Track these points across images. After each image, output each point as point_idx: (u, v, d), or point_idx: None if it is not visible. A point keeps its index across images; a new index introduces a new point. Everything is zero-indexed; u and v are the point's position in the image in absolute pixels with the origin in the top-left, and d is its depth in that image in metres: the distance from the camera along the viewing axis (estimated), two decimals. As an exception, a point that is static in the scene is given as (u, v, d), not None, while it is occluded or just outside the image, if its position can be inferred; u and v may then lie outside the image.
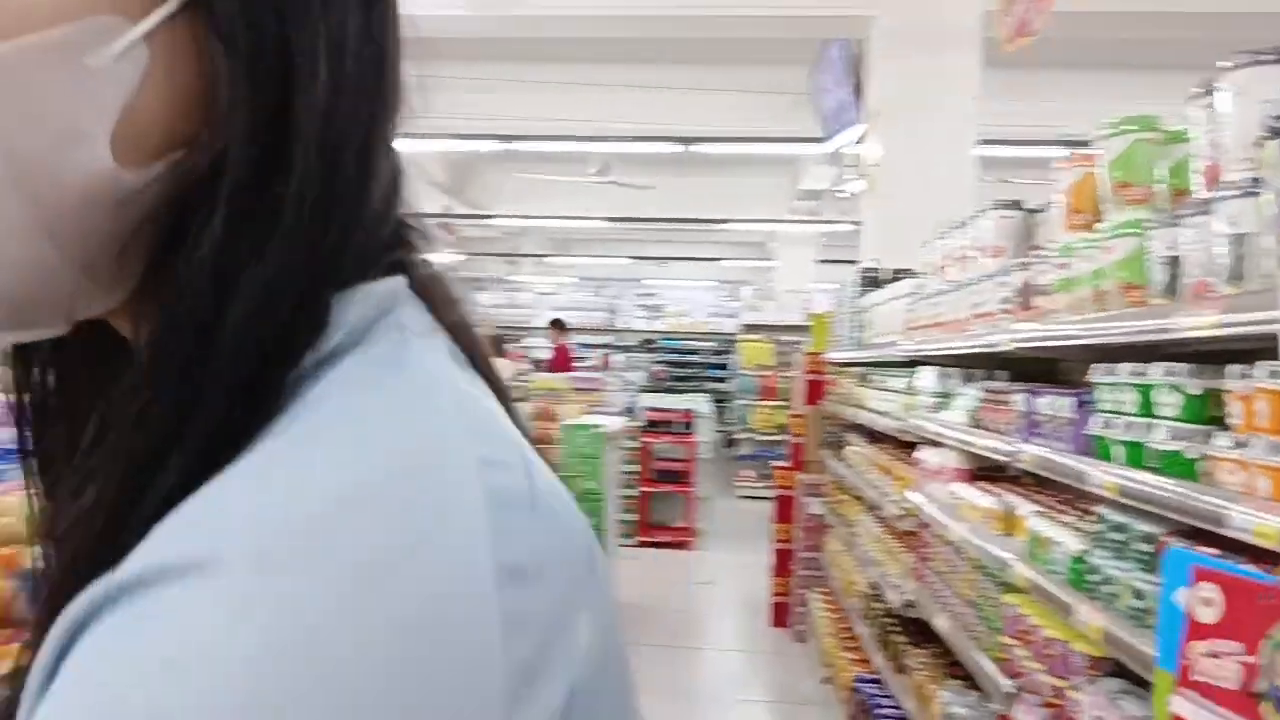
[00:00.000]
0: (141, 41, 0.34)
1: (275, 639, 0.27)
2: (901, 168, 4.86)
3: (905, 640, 2.77)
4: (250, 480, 0.31)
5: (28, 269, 0.35)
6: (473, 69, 7.55)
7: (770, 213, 11.76)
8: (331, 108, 0.36)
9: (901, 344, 2.96)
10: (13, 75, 0.33)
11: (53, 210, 0.34)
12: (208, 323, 0.34)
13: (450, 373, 0.38)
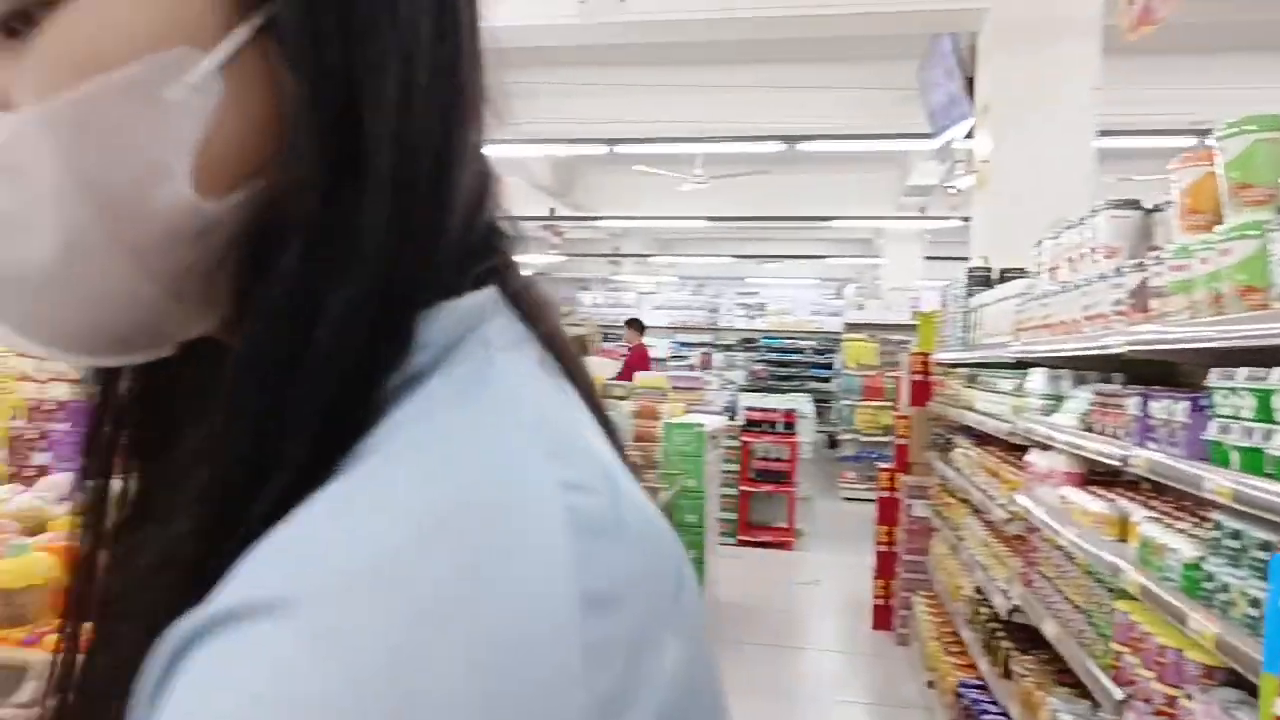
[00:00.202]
0: (216, 71, 0.34)
1: (356, 675, 0.27)
2: (1013, 163, 4.73)
3: (1012, 646, 2.72)
4: (332, 513, 0.31)
5: (121, 300, 0.36)
6: (579, 74, 7.73)
7: (877, 209, 11.55)
8: (403, 123, 0.36)
9: (1011, 345, 2.90)
10: (95, 112, 0.33)
11: (140, 243, 0.35)
12: (290, 349, 0.34)
13: (535, 388, 0.38)
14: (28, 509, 1.72)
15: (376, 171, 0.35)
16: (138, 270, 0.35)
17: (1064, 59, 4.70)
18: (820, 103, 7.89)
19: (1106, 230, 2.10)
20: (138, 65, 0.33)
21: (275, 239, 0.34)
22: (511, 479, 0.32)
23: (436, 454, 0.32)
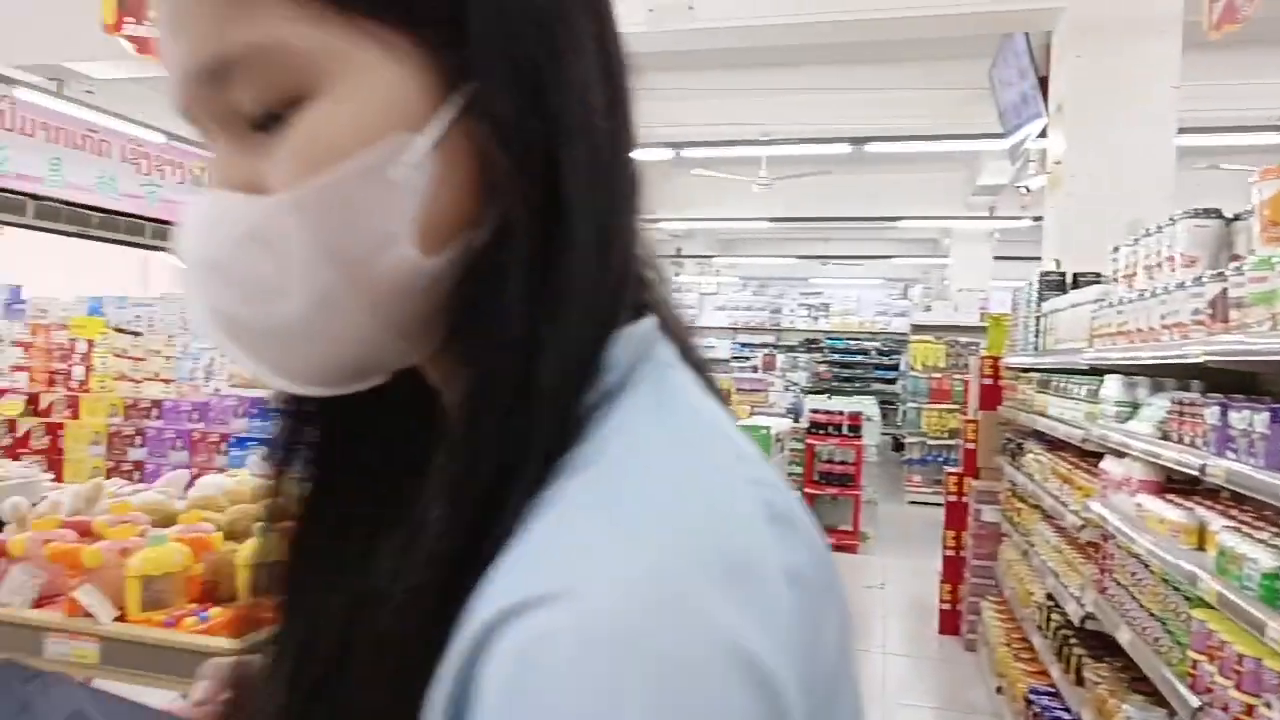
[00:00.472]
0: (429, 150, 0.40)
1: (633, 656, 0.32)
2: (1088, 164, 4.66)
3: (1085, 652, 2.72)
4: (591, 515, 0.36)
5: (362, 344, 0.43)
6: (647, 80, 7.81)
7: (944, 209, 11.39)
8: (592, 179, 0.42)
9: (1085, 351, 2.89)
10: (334, 194, 0.40)
11: (375, 299, 0.41)
12: (520, 380, 0.39)
13: (705, 402, 0.44)
14: (154, 503, 1.87)
15: (578, 222, 0.41)
16: (374, 320, 0.42)
17: (1142, 57, 4.61)
18: (887, 103, 7.83)
19: (1186, 239, 2.09)
20: (366, 153, 0.40)
21: (489, 284, 0.41)
22: (718, 479, 0.39)
23: (656, 462, 0.38)
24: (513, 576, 0.35)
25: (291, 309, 0.42)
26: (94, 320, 5.84)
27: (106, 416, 5.14)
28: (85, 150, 8.25)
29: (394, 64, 0.40)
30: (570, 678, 0.32)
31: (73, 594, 1.43)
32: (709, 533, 0.36)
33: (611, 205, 0.43)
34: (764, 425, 5.17)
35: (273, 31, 0.39)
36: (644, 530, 0.35)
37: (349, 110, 0.40)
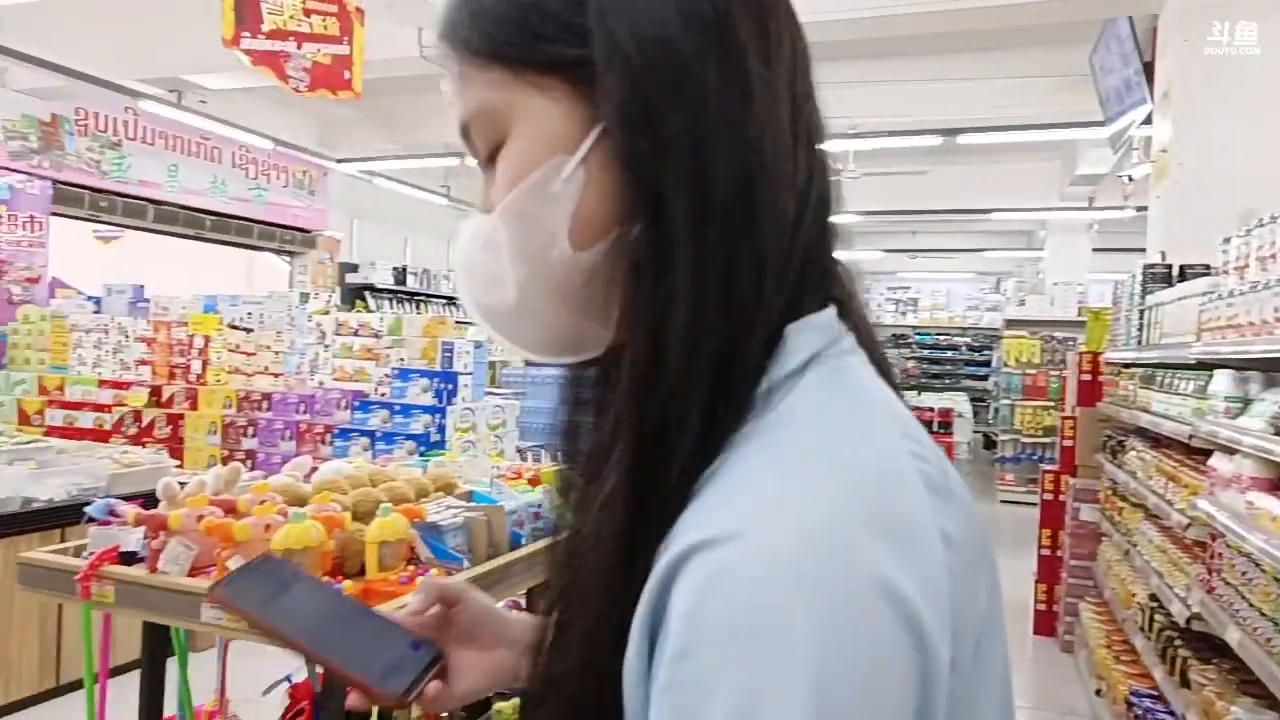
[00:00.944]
0: (578, 166, 0.51)
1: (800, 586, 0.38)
2: (1196, 152, 4.49)
3: (1190, 654, 2.65)
4: (766, 471, 0.43)
5: (558, 322, 0.55)
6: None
7: (1039, 200, 11.04)
8: (699, 174, 0.48)
9: (1193, 346, 2.81)
10: (517, 209, 0.53)
11: (552, 286, 0.53)
12: (665, 352, 0.47)
13: (877, 384, 0.52)
14: (285, 485, 2.02)
15: (689, 235, 0.48)
16: (559, 303, 0.55)
17: (1255, 40, 4.41)
18: (979, 93, 7.65)
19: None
20: (535, 174, 0.52)
21: (631, 274, 0.50)
22: (885, 449, 0.46)
23: (830, 431, 0.45)
24: (700, 519, 0.43)
25: (508, 296, 0.55)
26: (209, 317, 6.20)
27: (221, 408, 5.47)
28: (199, 157, 8.75)
29: (551, 103, 0.52)
30: (741, 604, 0.38)
31: (226, 563, 1.57)
32: (873, 493, 0.43)
33: (728, 195, 0.48)
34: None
35: (480, 97, 0.55)
36: (815, 486, 0.42)
37: (524, 144, 0.53)
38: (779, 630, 0.38)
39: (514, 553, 1.97)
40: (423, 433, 4.69)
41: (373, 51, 5.26)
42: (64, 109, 7.42)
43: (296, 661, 2.20)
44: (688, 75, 0.49)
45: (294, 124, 9.41)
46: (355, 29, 5.04)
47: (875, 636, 0.39)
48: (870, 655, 0.39)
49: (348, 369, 5.56)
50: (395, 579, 1.69)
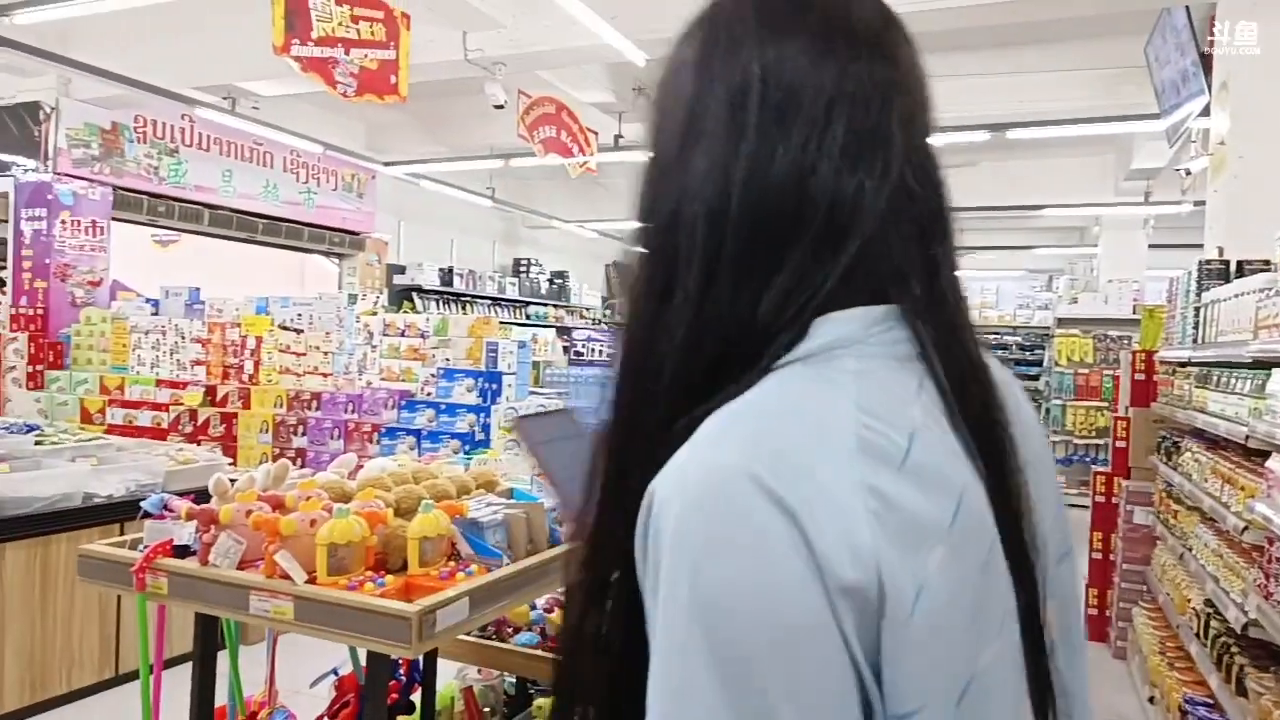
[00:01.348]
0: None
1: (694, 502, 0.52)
2: (1256, 145, 4.35)
3: (1247, 661, 2.57)
4: (707, 429, 0.55)
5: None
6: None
7: (1092, 195, 10.77)
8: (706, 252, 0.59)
9: (1250, 344, 2.72)
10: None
11: None
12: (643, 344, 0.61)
13: (870, 371, 0.56)
14: (331, 482, 2.06)
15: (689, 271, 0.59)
16: None
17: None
18: (1029, 86, 7.51)
19: (1363, 222, 1.96)
20: None
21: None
22: (823, 411, 0.54)
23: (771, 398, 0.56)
24: (667, 466, 0.54)
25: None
26: (261, 319, 6.36)
27: (273, 407, 5.60)
28: (252, 162, 8.97)
29: None
30: (670, 522, 0.51)
31: (274, 557, 1.61)
32: (776, 437, 0.53)
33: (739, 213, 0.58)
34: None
35: None
36: (734, 436, 0.53)
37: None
38: (684, 539, 0.51)
39: (553, 549, 1.99)
40: (467, 432, 4.75)
41: (418, 56, 5.35)
42: (124, 117, 7.66)
43: (343, 655, 2.25)
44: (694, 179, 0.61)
45: (342, 128, 9.60)
46: (401, 34, 5.12)
47: (745, 516, 0.50)
48: (745, 532, 0.50)
49: (394, 369, 5.66)
50: (436, 574, 1.72)
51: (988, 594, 0.54)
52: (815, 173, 0.58)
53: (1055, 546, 0.66)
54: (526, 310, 13.25)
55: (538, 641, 2.67)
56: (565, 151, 7.09)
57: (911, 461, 0.52)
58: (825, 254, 0.58)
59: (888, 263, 0.59)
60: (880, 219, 0.58)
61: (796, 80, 0.59)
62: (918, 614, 0.50)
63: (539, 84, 7.04)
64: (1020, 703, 0.56)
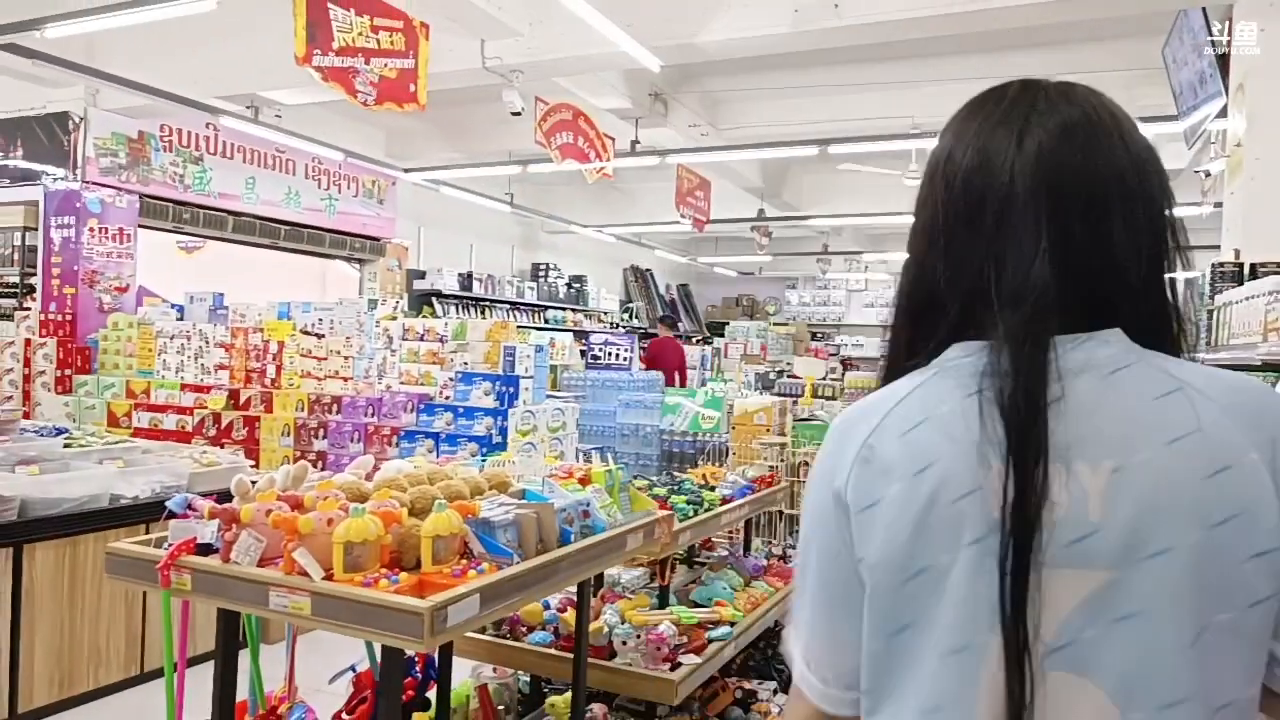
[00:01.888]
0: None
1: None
2: (1271, 147, 4.34)
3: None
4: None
5: None
6: (792, 78, 7.82)
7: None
8: (906, 286, 0.98)
9: (1260, 346, 2.73)
10: None
11: None
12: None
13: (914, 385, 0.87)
14: (349, 483, 2.12)
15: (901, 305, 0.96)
16: None
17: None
18: (1046, 89, 7.48)
19: (1366, 225, 1.97)
20: None
21: None
22: (885, 397, 0.89)
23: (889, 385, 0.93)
24: None
25: None
26: (283, 324, 6.46)
27: (294, 411, 5.70)
28: (275, 169, 9.11)
29: None
30: None
31: (293, 554, 1.67)
32: (859, 408, 0.90)
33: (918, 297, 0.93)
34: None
35: None
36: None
37: None
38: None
39: (563, 549, 2.04)
40: (485, 435, 4.82)
41: (437, 64, 5.43)
42: (150, 126, 7.82)
43: (360, 653, 2.31)
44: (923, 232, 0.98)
45: (363, 136, 9.72)
46: (420, 43, 5.21)
47: (819, 459, 0.92)
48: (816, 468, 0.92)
49: (413, 373, 5.74)
50: (449, 572, 1.78)
51: (943, 522, 0.79)
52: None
53: (1145, 542, 0.75)
54: (544, 314, 13.34)
55: (551, 640, 2.73)
56: (582, 157, 7.16)
57: (912, 434, 0.83)
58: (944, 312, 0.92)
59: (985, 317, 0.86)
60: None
61: None
62: (873, 515, 0.83)
63: (556, 91, 7.11)
64: (979, 614, 0.76)
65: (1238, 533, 0.74)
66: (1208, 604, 0.73)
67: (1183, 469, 0.75)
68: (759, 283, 19.08)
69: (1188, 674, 0.73)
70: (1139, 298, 0.84)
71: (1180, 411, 0.77)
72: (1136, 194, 0.85)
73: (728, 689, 3.13)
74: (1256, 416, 0.77)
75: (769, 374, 9.85)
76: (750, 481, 3.68)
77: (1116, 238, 0.82)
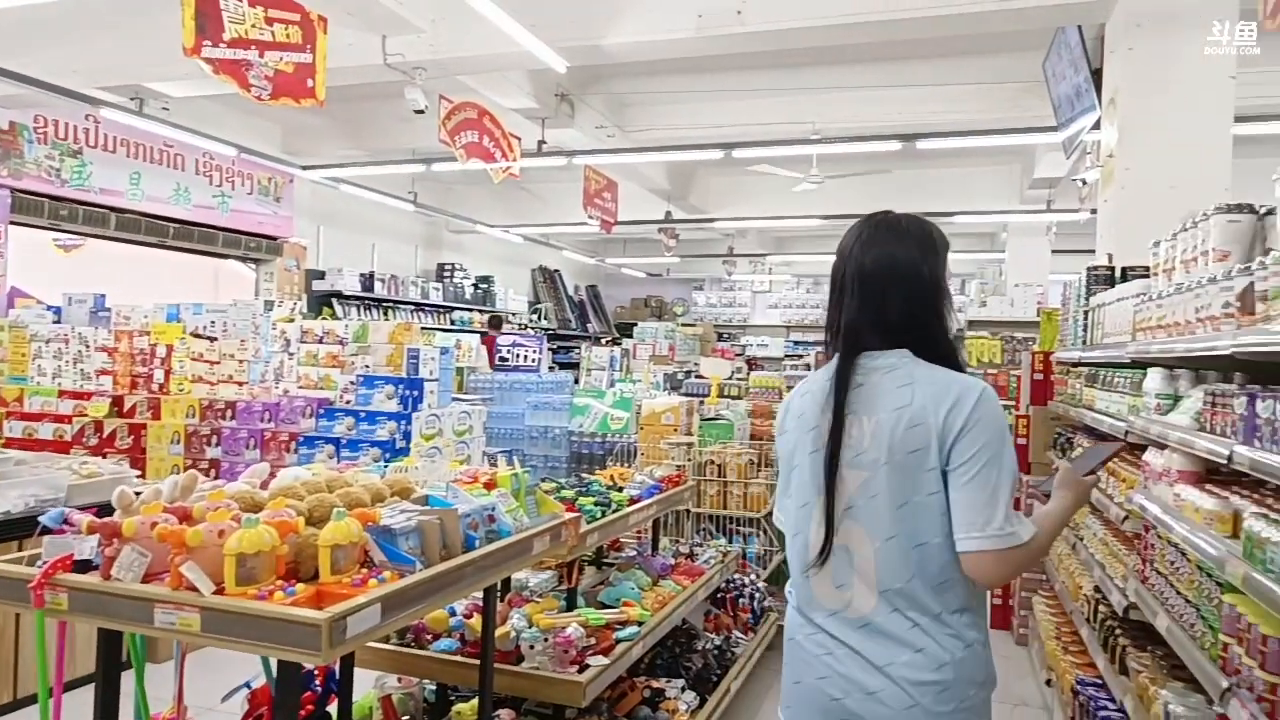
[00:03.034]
0: None
1: None
2: (1142, 157, 4.63)
3: (1129, 642, 2.75)
4: None
5: None
6: (698, 82, 7.92)
7: (1000, 203, 11.24)
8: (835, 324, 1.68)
9: (1128, 345, 2.92)
10: None
11: None
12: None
13: (818, 374, 1.68)
14: (241, 492, 2.05)
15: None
16: None
17: (1197, 48, 4.55)
18: (939, 98, 7.80)
19: (1218, 234, 2.13)
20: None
21: None
22: (796, 385, 1.79)
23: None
24: None
25: None
26: (172, 326, 6.16)
27: (184, 417, 5.44)
28: (162, 164, 8.69)
29: None
30: None
31: (180, 569, 1.60)
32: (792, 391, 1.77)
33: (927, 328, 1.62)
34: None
35: None
36: None
37: None
38: None
39: (467, 554, 2.01)
40: (388, 439, 4.71)
41: (336, 59, 5.28)
42: (22, 116, 7.34)
43: (256, 668, 2.23)
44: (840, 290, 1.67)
45: (259, 131, 9.37)
46: (318, 37, 5.05)
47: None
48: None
49: (313, 376, 5.56)
50: (348, 581, 1.73)
51: (804, 440, 1.63)
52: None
53: (875, 457, 1.54)
54: (450, 315, 13.12)
55: (457, 647, 2.69)
56: (488, 156, 7.07)
57: (803, 398, 1.67)
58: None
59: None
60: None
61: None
62: (784, 434, 1.71)
63: (461, 89, 7.01)
64: (813, 487, 1.60)
65: (919, 458, 1.51)
66: (905, 491, 1.51)
67: (898, 424, 1.52)
68: (667, 284, 19.24)
69: (898, 525, 1.52)
70: (915, 332, 1.59)
71: (906, 395, 1.54)
72: (909, 278, 1.60)
73: (636, 688, 3.15)
74: (939, 401, 1.51)
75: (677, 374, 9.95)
76: (658, 481, 3.71)
77: (894, 302, 1.59)
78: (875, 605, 1.52)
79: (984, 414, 1.49)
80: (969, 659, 1.51)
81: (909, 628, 1.50)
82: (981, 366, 9.83)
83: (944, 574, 1.50)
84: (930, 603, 1.50)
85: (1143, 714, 2.44)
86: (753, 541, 4.83)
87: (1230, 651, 1.82)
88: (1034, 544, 1.50)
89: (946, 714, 1.47)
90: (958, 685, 1.49)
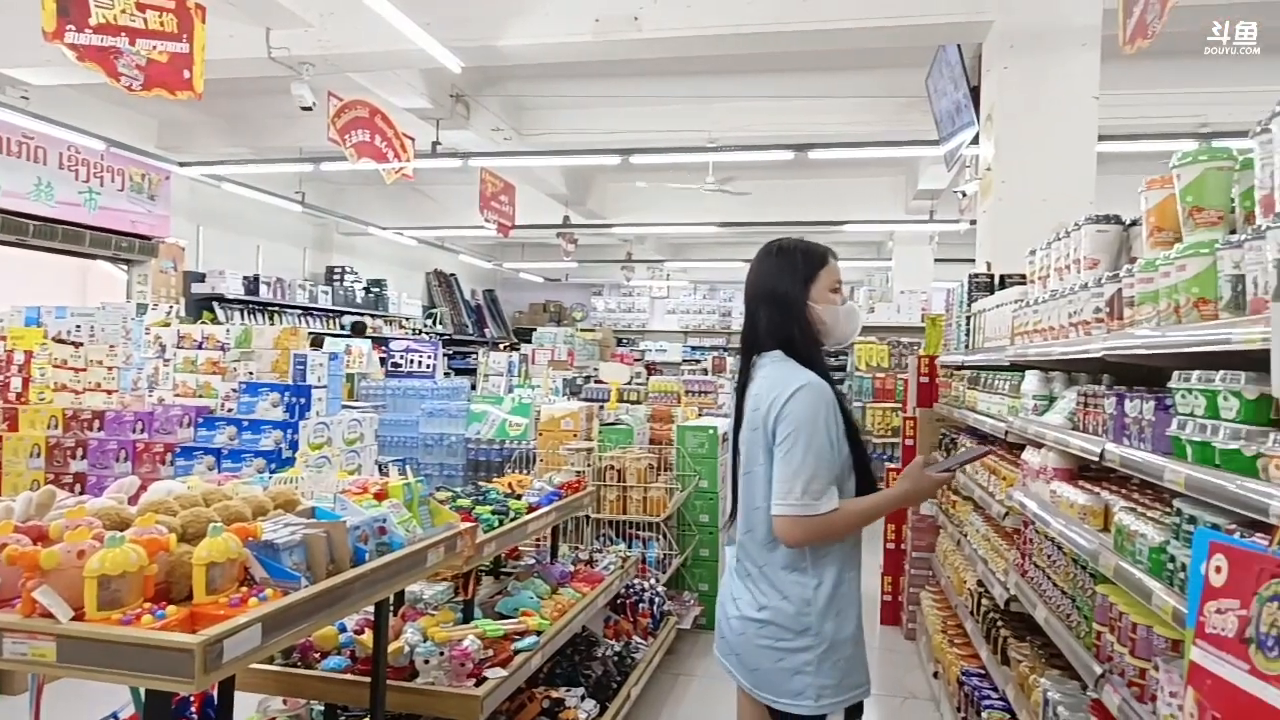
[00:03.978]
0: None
1: None
2: (1016, 170, 4.88)
3: (1009, 633, 2.87)
4: None
5: None
6: (592, 86, 7.91)
7: (887, 213, 11.67)
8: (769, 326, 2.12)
9: (1007, 349, 3.05)
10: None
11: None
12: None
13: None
14: (106, 509, 1.90)
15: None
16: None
17: (1064, 69, 4.84)
18: (829, 109, 8.03)
19: (1089, 243, 2.25)
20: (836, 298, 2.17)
21: None
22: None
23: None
24: None
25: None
26: (32, 331, 5.74)
27: (46, 429, 5.06)
28: (21, 157, 8.08)
29: None
30: None
31: (33, 594, 1.47)
32: None
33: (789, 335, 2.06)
34: (711, 426, 5.28)
35: None
36: None
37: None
38: None
39: (357, 569, 1.93)
40: (273, 449, 4.49)
41: (216, 51, 5.03)
42: None
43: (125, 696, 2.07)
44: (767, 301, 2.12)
45: (131, 124, 8.84)
46: (195, 26, 4.79)
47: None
48: None
49: (191, 384, 5.26)
50: (225, 601, 1.63)
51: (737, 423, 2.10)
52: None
53: (743, 435, 2.04)
54: (340, 320, 12.69)
55: (346, 665, 2.58)
56: (380, 157, 6.87)
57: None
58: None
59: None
60: None
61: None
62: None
63: (351, 87, 6.79)
64: (731, 457, 2.14)
65: (758, 436, 1.97)
66: (748, 462, 2.01)
67: (755, 409, 1.99)
68: (566, 289, 19.16)
69: (745, 490, 2.04)
70: (780, 337, 2.04)
71: (760, 387, 2.00)
72: (772, 297, 2.05)
73: (535, 699, 3.09)
74: (772, 393, 1.95)
75: (576, 380, 9.90)
76: (557, 488, 3.67)
77: (766, 317, 2.06)
78: (735, 554, 2.09)
79: (795, 406, 1.90)
80: (785, 609, 1.94)
81: (744, 575, 2.04)
82: (870, 370, 10.20)
83: (770, 534, 1.95)
84: (758, 556, 2.00)
85: (1023, 702, 2.54)
86: (652, 546, 4.83)
87: (1103, 639, 1.91)
88: (835, 518, 1.88)
89: (766, 648, 1.96)
90: (773, 627, 1.95)
